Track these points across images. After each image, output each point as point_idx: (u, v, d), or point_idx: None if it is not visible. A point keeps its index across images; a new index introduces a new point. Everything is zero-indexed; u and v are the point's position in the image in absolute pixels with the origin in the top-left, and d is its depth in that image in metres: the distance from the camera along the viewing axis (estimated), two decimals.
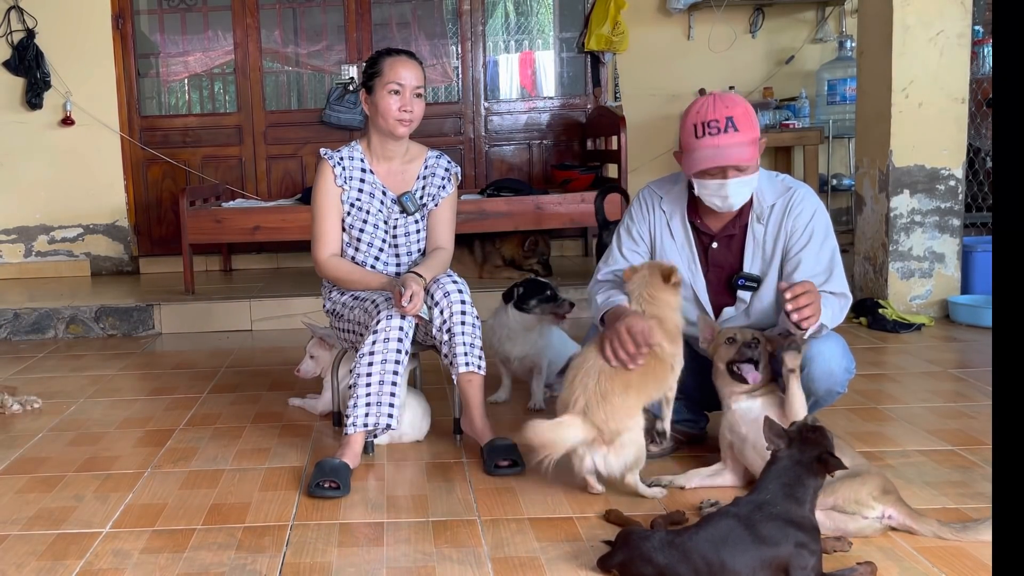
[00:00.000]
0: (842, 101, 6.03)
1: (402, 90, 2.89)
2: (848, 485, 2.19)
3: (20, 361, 4.44)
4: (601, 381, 2.38)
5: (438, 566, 2.16)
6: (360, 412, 2.73)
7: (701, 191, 2.54)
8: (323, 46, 6.45)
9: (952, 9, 4.49)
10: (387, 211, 3.02)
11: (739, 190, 2.52)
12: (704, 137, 2.46)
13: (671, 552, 1.91)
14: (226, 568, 2.18)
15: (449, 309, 2.80)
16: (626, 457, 2.39)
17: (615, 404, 2.36)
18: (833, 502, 2.18)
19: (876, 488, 2.21)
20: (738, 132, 2.45)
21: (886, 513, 2.20)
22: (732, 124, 2.44)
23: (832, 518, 2.18)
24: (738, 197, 2.53)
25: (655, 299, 2.46)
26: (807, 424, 2.07)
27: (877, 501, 2.19)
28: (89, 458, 2.98)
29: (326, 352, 3.32)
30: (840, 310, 2.52)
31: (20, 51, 6.00)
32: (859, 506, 2.18)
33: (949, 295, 4.63)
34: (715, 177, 2.50)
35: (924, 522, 2.19)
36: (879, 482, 2.23)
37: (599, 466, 2.41)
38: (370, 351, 2.73)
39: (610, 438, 2.37)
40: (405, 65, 2.91)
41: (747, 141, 2.46)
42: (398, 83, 2.89)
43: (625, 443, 2.38)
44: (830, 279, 2.55)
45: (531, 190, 5.56)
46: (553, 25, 6.71)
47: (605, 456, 2.40)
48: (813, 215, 2.58)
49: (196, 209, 5.33)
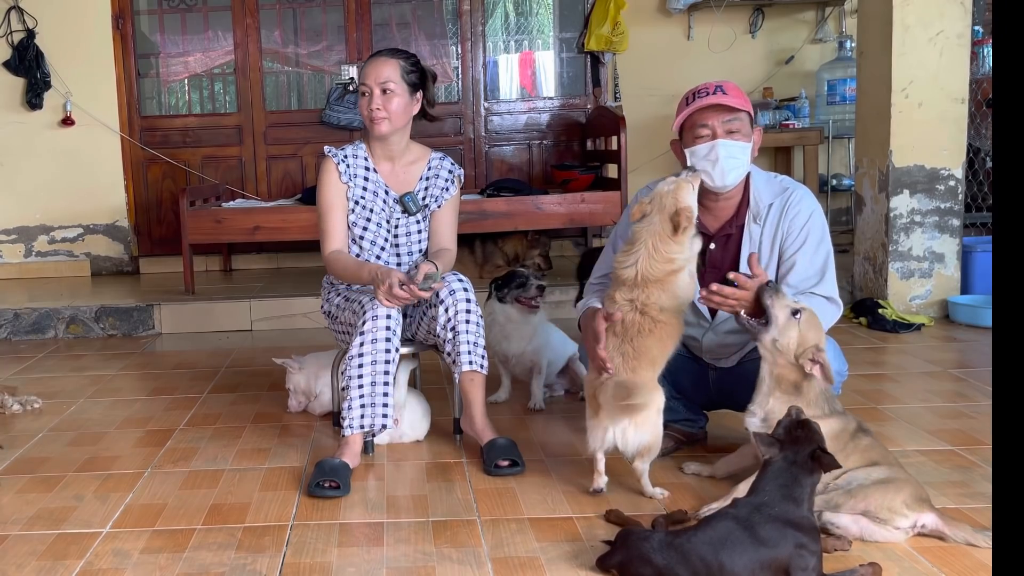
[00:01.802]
0: (842, 101, 6.03)
1: (369, 90, 2.91)
2: (882, 492, 2.14)
3: (20, 361, 4.44)
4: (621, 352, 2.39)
5: (438, 566, 2.16)
6: (355, 415, 2.73)
7: (692, 161, 2.55)
8: (323, 46, 6.45)
9: (952, 9, 4.49)
10: (389, 210, 3.02)
11: (729, 155, 2.52)
12: (695, 101, 2.54)
13: (670, 553, 1.91)
14: (226, 568, 2.18)
15: (454, 307, 2.80)
16: (643, 436, 2.38)
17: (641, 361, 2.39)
18: (865, 507, 2.14)
19: (910, 496, 2.15)
20: (727, 95, 2.53)
21: (919, 522, 2.14)
22: (721, 89, 2.55)
23: (859, 524, 2.14)
24: (730, 165, 2.52)
25: (658, 253, 2.37)
26: (794, 421, 2.03)
27: (911, 509, 2.14)
28: (89, 458, 2.98)
29: (298, 375, 3.33)
30: (826, 314, 2.50)
31: (20, 51, 6.00)
32: (892, 514, 2.13)
33: (949, 295, 4.63)
34: (705, 139, 2.52)
35: (957, 528, 2.14)
36: (913, 490, 2.17)
37: (617, 440, 2.38)
38: (359, 352, 2.73)
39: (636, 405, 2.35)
40: (370, 65, 2.94)
41: (737, 101, 2.53)
42: (364, 84, 2.93)
43: (646, 421, 2.37)
44: (821, 282, 2.55)
45: (531, 190, 5.56)
46: (553, 25, 6.71)
47: (625, 430, 2.37)
48: (810, 217, 2.58)
49: (196, 209, 5.33)
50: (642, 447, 2.40)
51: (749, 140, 2.56)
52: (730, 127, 2.53)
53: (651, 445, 2.40)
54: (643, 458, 2.41)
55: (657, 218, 2.39)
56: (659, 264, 2.37)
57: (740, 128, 2.54)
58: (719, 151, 2.51)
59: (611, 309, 2.41)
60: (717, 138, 2.52)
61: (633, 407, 2.35)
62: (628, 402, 2.34)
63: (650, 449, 2.41)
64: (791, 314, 2.28)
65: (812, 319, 2.31)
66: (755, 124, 2.62)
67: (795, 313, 2.28)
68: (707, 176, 2.54)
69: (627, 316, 2.38)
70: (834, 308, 2.55)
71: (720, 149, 2.51)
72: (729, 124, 2.53)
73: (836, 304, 2.56)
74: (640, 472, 2.43)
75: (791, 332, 2.27)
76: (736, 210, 2.64)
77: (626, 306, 2.40)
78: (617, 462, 2.51)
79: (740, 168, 2.56)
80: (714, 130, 2.53)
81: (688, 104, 2.56)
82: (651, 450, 2.41)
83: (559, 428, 3.13)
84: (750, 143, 2.56)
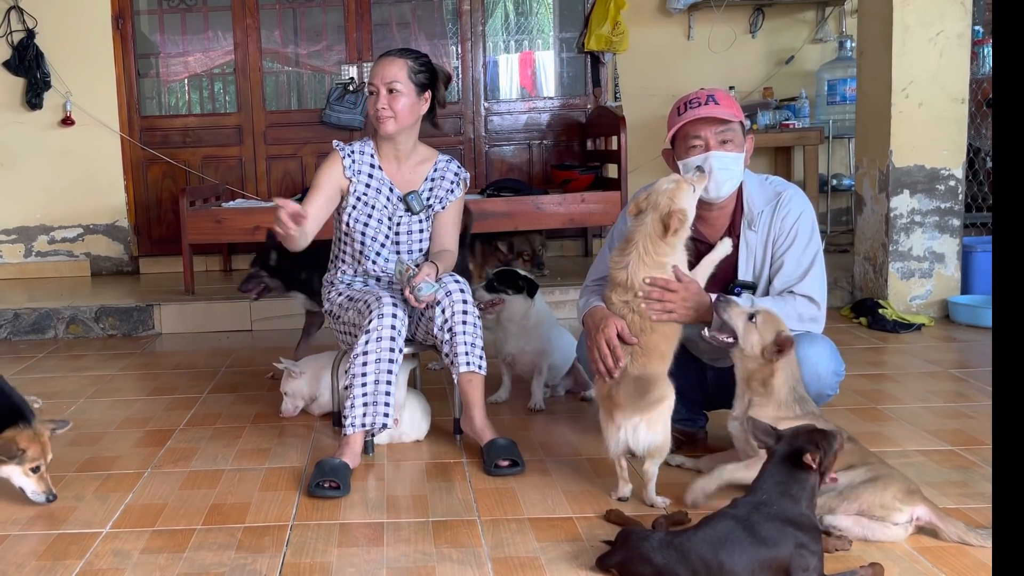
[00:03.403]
0: (842, 101, 6.03)
1: (376, 90, 2.91)
2: (871, 490, 2.16)
3: (20, 361, 4.44)
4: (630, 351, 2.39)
5: (438, 566, 2.16)
6: (357, 412, 2.74)
7: (686, 173, 2.54)
8: (323, 46, 6.45)
9: (952, 9, 4.49)
10: (392, 208, 3.02)
11: (723, 167, 2.51)
12: (686, 112, 2.53)
13: (669, 552, 1.91)
14: (226, 568, 2.18)
15: (451, 308, 2.80)
16: (654, 436, 2.36)
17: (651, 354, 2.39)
18: (858, 507, 2.15)
19: (900, 490, 2.16)
20: (719, 105, 2.51)
21: (914, 515, 2.15)
22: (713, 99, 2.52)
23: (861, 524, 2.15)
24: (724, 176, 2.52)
25: (649, 256, 2.38)
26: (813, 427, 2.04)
27: (903, 503, 2.15)
28: (89, 458, 2.98)
29: (296, 381, 3.31)
30: (802, 314, 2.50)
31: (20, 51, 6.00)
32: (886, 510, 2.13)
33: (949, 295, 4.63)
34: (698, 151, 2.52)
35: (951, 523, 2.15)
36: (902, 483, 2.18)
37: (629, 439, 2.36)
38: (364, 351, 2.74)
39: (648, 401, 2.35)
40: (378, 65, 2.95)
41: (730, 111, 2.51)
42: (372, 84, 2.93)
43: (657, 420, 2.37)
44: (803, 281, 2.54)
45: (531, 190, 5.56)
46: (553, 25, 6.71)
47: (637, 428, 2.36)
48: (799, 216, 2.58)
49: (196, 209, 5.33)
50: (653, 447, 2.38)
51: (742, 150, 2.56)
52: (723, 137, 2.52)
53: (661, 446, 2.39)
54: (653, 459, 2.40)
55: (650, 217, 2.39)
56: (649, 269, 2.37)
57: (733, 138, 2.53)
58: (712, 163, 2.50)
59: (610, 310, 2.40)
60: (710, 149, 2.51)
61: (653, 401, 2.34)
62: (649, 396, 2.33)
63: (660, 450, 2.40)
64: (748, 319, 2.36)
65: (768, 317, 2.36)
66: (746, 132, 2.62)
67: (751, 317, 2.36)
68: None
69: (625, 317, 2.39)
70: (812, 309, 2.53)
71: (713, 161, 2.51)
72: (722, 135, 2.52)
73: (815, 304, 2.54)
74: (650, 476, 2.41)
75: (752, 337, 2.36)
76: (731, 218, 2.64)
77: (623, 308, 2.40)
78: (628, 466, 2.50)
79: (734, 179, 2.56)
80: (707, 141, 2.52)
81: (680, 115, 2.54)
82: (661, 451, 2.40)
83: (560, 428, 3.13)
84: (743, 153, 2.56)
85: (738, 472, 2.34)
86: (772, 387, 2.34)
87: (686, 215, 2.38)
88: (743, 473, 2.30)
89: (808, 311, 2.53)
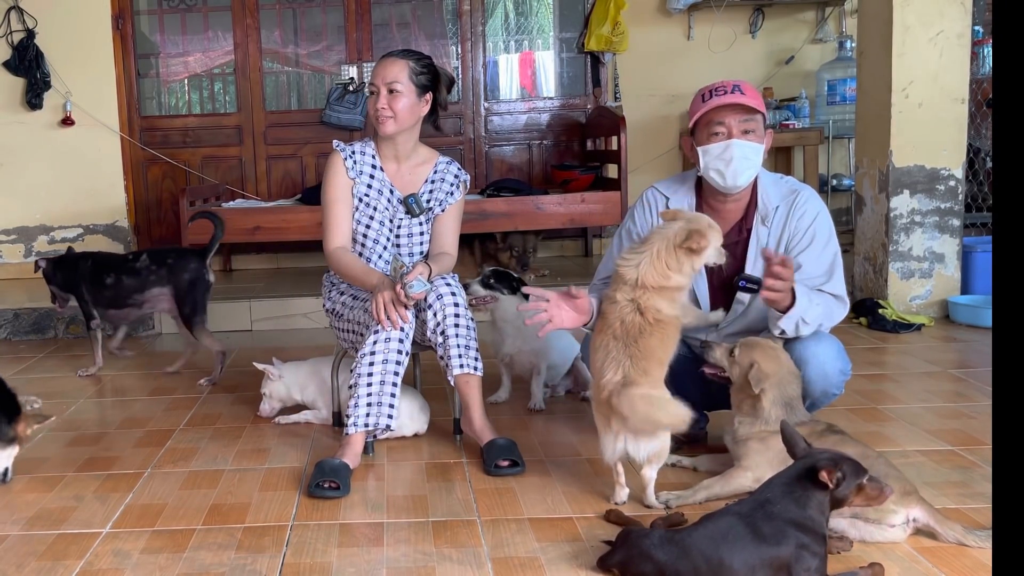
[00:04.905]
0: (842, 101, 6.03)
1: (376, 90, 2.92)
2: None
3: (20, 361, 4.44)
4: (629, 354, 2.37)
5: (438, 566, 2.16)
6: (361, 412, 2.73)
7: (705, 159, 2.55)
8: (323, 46, 6.45)
9: (952, 9, 4.49)
10: (392, 210, 3.02)
11: (743, 155, 2.51)
12: (712, 98, 2.54)
13: (671, 549, 1.91)
14: (226, 568, 2.18)
15: (443, 312, 2.80)
16: (653, 443, 2.35)
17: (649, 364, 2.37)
18: (852, 511, 2.12)
19: (896, 491, 2.12)
20: (745, 95, 2.52)
21: (910, 516, 2.15)
22: (739, 88, 2.54)
23: (857, 527, 2.15)
24: (742, 165, 2.52)
25: (659, 262, 2.34)
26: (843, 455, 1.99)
27: (899, 504, 2.13)
28: (89, 458, 2.98)
29: (275, 383, 3.29)
30: (830, 314, 2.51)
31: (20, 51, 5.99)
32: (881, 512, 2.12)
33: (949, 295, 4.63)
34: (720, 138, 2.52)
35: (948, 526, 2.14)
36: (897, 485, 2.15)
37: (629, 447, 2.34)
38: (371, 351, 2.73)
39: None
40: (380, 65, 2.95)
41: (755, 101, 2.53)
42: (372, 84, 2.94)
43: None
44: (830, 281, 2.56)
45: (531, 190, 5.56)
46: (553, 25, 6.71)
47: (636, 435, 2.34)
48: (816, 217, 2.59)
49: (196, 209, 5.32)
50: (652, 454, 2.37)
51: (762, 142, 2.56)
52: (746, 127, 2.53)
53: (660, 452, 2.38)
54: (652, 465, 2.39)
55: (678, 226, 2.37)
56: (657, 274, 2.36)
57: (755, 129, 2.54)
58: (733, 151, 2.51)
59: (612, 309, 2.40)
60: (732, 137, 2.52)
61: (661, 428, 2.33)
62: (657, 421, 2.31)
63: (659, 455, 2.39)
64: (728, 354, 2.48)
65: (744, 349, 2.45)
66: (767, 127, 2.62)
67: (731, 352, 2.47)
68: (718, 176, 2.54)
69: (627, 317, 2.37)
70: (841, 306, 2.56)
71: (735, 149, 2.51)
72: (745, 124, 2.53)
73: (843, 302, 2.57)
74: (648, 480, 2.41)
75: (734, 371, 2.47)
76: (744, 212, 2.64)
77: (627, 306, 2.39)
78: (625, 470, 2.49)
79: (752, 169, 2.55)
80: (730, 129, 2.52)
81: (704, 101, 2.55)
82: (660, 457, 2.39)
83: (559, 428, 3.13)
84: (763, 144, 2.56)
85: (716, 486, 2.42)
86: (761, 409, 2.41)
87: (708, 244, 2.35)
88: (721, 488, 2.41)
89: (838, 311, 2.55)
